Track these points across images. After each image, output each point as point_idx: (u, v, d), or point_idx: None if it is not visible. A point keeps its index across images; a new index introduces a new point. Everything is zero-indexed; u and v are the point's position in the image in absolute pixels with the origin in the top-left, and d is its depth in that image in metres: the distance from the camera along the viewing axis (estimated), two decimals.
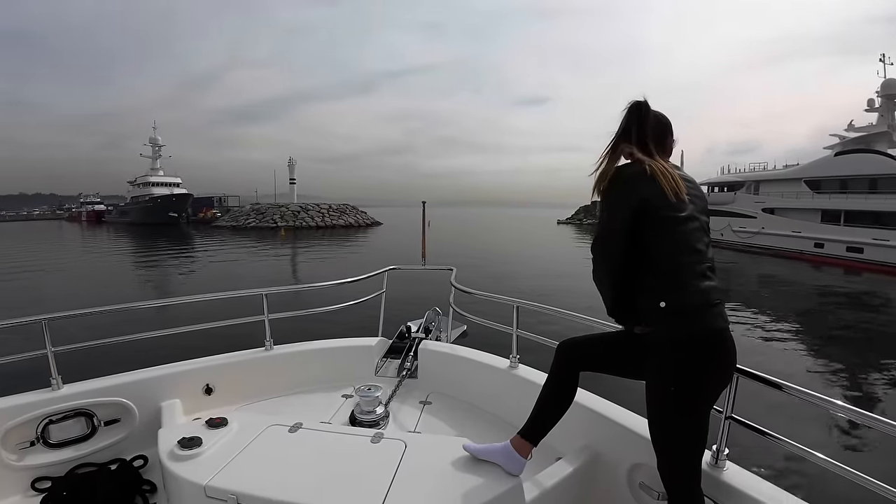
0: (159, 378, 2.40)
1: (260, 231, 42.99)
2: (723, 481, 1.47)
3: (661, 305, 1.32)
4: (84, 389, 2.20)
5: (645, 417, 1.63)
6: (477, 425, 2.40)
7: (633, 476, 1.78)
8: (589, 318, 2.05)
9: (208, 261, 22.94)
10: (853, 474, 1.24)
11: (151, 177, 66.31)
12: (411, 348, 3.01)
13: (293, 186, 57.92)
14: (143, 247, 31.16)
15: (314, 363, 2.89)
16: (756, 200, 28.40)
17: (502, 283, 15.32)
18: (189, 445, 1.67)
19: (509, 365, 2.50)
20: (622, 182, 1.41)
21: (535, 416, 1.58)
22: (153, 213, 58.45)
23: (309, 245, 31.19)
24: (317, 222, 50.63)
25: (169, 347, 2.96)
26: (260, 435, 1.77)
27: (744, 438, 1.53)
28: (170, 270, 20.46)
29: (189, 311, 3.06)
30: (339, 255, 26.05)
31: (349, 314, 3.30)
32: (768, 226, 26.60)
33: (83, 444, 2.15)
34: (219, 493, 1.48)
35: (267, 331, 2.76)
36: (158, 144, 68.73)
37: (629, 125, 1.47)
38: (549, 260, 23.57)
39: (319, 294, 3.22)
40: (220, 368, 2.62)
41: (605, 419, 1.90)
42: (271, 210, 52.01)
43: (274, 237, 36.86)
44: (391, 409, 2.52)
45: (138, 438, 2.20)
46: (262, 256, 24.70)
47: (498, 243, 33.82)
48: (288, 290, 3.45)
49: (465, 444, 1.59)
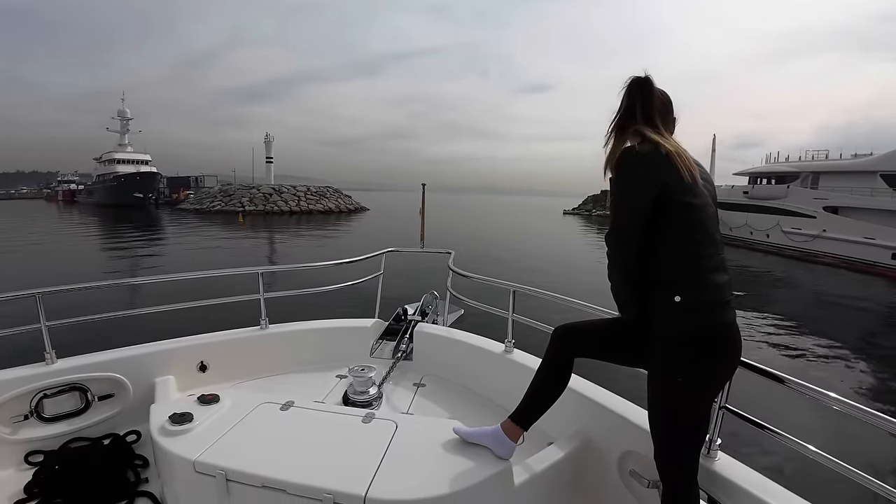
0: (154, 354, 2.50)
1: (225, 215, 41.24)
2: (714, 471, 1.53)
3: (676, 300, 1.30)
4: (78, 364, 2.30)
5: (638, 405, 1.90)
6: (470, 408, 2.54)
7: (624, 463, 1.86)
8: (586, 303, 2.15)
9: (145, 252, 20.66)
10: (844, 468, 1.31)
11: (117, 153, 62.90)
12: (407, 330, 3.14)
13: (269, 166, 55.90)
14: (104, 232, 29.71)
15: (309, 343, 3.03)
16: (816, 196, 24.51)
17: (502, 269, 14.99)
18: (180, 421, 1.73)
19: (504, 349, 2.62)
20: (638, 164, 1.34)
21: (527, 400, 1.63)
22: (117, 193, 55.48)
23: (271, 233, 29.69)
24: (290, 207, 47.66)
25: (164, 324, 3.15)
26: (251, 412, 1.85)
27: (736, 428, 1.59)
28: (112, 262, 18.44)
29: (184, 287, 3.17)
30: (300, 246, 24.07)
31: (346, 295, 3.45)
32: (831, 228, 22.75)
33: (77, 418, 2.25)
34: (208, 468, 1.54)
35: (262, 309, 2.90)
36: (127, 118, 65.12)
37: (632, 101, 1.43)
38: (573, 266, 19.75)
39: (316, 274, 3.48)
40: (215, 346, 2.74)
41: (597, 406, 1.97)
42: (240, 192, 48.91)
43: (246, 222, 35.92)
44: (385, 390, 2.65)
45: (132, 414, 2.31)
46: (202, 247, 22.09)
47: (502, 234, 32.87)
48: (284, 269, 3.41)
49: (456, 427, 1.64)
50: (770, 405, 2.13)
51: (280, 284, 3.11)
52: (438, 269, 3.65)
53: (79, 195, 71.57)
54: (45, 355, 2.26)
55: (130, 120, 64.52)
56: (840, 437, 4.70)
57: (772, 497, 1.42)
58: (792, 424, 1.69)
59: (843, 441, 4.54)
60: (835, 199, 23.12)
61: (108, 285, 2.57)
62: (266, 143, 56.30)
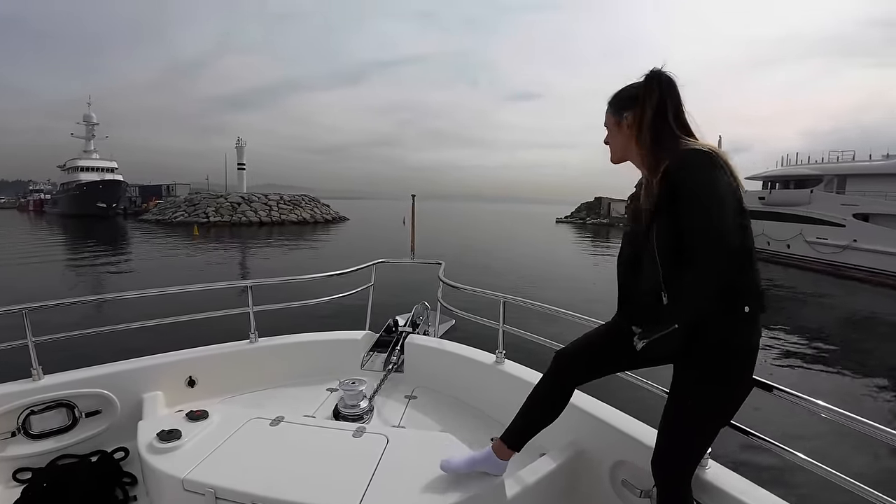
0: (141, 370, 2.55)
1: (188, 227, 39.17)
2: (705, 480, 1.59)
3: (746, 310, 1.31)
4: (65, 380, 2.34)
5: (628, 415, 2.02)
6: (461, 420, 2.62)
7: (616, 473, 1.92)
8: (576, 314, 2.21)
9: (93, 271, 18.90)
10: (835, 475, 1.37)
11: (80, 160, 60.16)
12: (398, 342, 3.23)
13: (242, 173, 52.64)
14: (65, 245, 28.07)
15: (299, 356, 3.09)
16: (844, 202, 22.52)
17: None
18: (168, 438, 1.75)
19: (495, 360, 2.72)
20: (721, 167, 1.30)
21: (520, 423, 1.66)
22: (80, 202, 52.89)
23: (228, 247, 27.92)
24: (260, 217, 45.85)
25: (151, 339, 3.14)
26: (241, 428, 1.88)
27: (724, 436, 1.57)
28: (66, 280, 17.02)
29: (172, 301, 3.02)
30: (259, 258, 23.06)
31: (336, 307, 3.54)
32: (863, 238, 20.86)
33: (64, 435, 2.28)
34: (196, 486, 1.55)
35: (251, 323, 2.98)
36: (92, 122, 62.47)
37: (663, 100, 1.40)
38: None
39: (306, 287, 3.66)
40: (204, 360, 2.78)
41: (589, 416, 2.04)
42: (205, 202, 46.91)
43: (203, 235, 34.16)
44: (376, 403, 2.72)
45: (119, 430, 2.34)
46: (147, 267, 19.93)
47: (493, 243, 32.01)
48: (273, 282, 3.38)
49: (443, 464, 1.61)
50: (758, 413, 2.10)
51: (269, 297, 3.01)
52: (430, 279, 3.77)
53: (46, 205, 69.29)
54: (32, 371, 2.30)
55: (96, 125, 62.63)
56: (829, 443, 4.67)
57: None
58: (780, 432, 1.79)
59: (832, 448, 4.53)
60: (866, 206, 21.50)
61: (95, 300, 2.93)
62: (238, 149, 53.56)
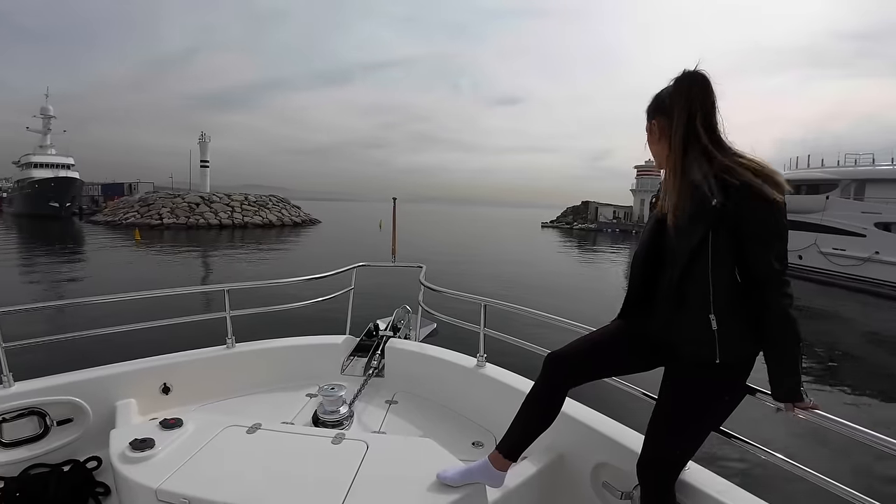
0: (114, 377, 2.55)
1: (139, 230, 35.74)
2: (686, 481, 1.65)
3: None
4: (36, 388, 2.34)
5: (608, 416, 2.09)
6: (443, 425, 2.67)
7: (597, 475, 1.99)
8: (557, 317, 2.28)
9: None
10: (815, 476, 1.42)
11: (34, 156, 56.35)
12: (378, 346, 3.26)
13: (205, 171, 50.93)
14: (15, 250, 25.11)
15: (278, 361, 3.11)
16: (864, 210, 20.83)
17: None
18: (141, 447, 1.72)
19: (476, 363, 2.79)
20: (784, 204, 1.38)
21: (517, 431, 1.67)
22: (33, 201, 49.84)
23: (173, 254, 24.66)
24: (220, 219, 42.73)
25: (125, 345, 3.21)
26: (216, 436, 1.86)
27: (709, 439, 1.64)
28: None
29: (147, 306, 3.11)
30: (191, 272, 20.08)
31: (315, 311, 3.53)
32: (887, 250, 19.17)
33: (36, 443, 2.28)
34: (170, 496, 1.54)
35: (228, 328, 3.00)
36: (49, 115, 58.56)
37: (693, 111, 1.36)
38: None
39: (285, 290, 3.46)
40: (179, 367, 2.78)
41: (570, 419, 2.07)
42: (160, 202, 43.89)
43: (155, 238, 31.99)
44: (356, 408, 2.75)
45: (92, 439, 2.35)
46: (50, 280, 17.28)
47: (478, 247, 31.00)
48: (251, 286, 3.39)
49: (440, 475, 1.61)
50: (745, 418, 2.07)
51: (247, 301, 3.06)
52: (411, 283, 3.76)
53: (3, 203, 66.01)
54: (2, 378, 2.29)
55: (53, 118, 59.89)
56: (807, 444, 4.76)
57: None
58: (762, 436, 1.80)
59: (811, 450, 4.64)
60: (890, 214, 20.02)
61: (68, 305, 2.64)
62: (201, 145, 50.89)
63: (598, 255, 31.69)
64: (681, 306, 1.44)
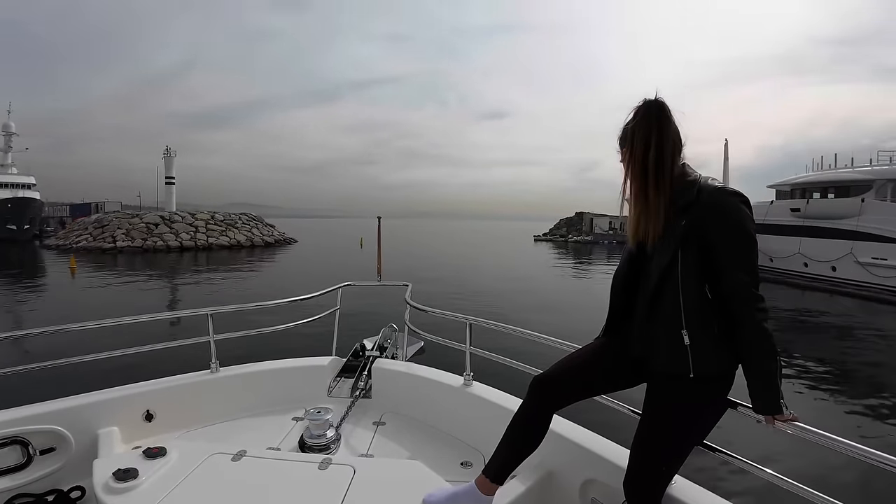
0: (96, 404, 2.56)
1: (91, 254, 34.24)
2: (673, 496, 1.68)
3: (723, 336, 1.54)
4: (18, 416, 2.36)
5: (596, 433, 2.13)
6: (431, 446, 2.72)
7: (586, 492, 2.03)
8: (542, 335, 2.33)
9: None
10: (800, 488, 1.43)
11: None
12: (365, 367, 3.29)
13: (171, 188, 49.34)
14: None
15: (263, 385, 3.13)
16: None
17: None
18: (124, 478, 1.74)
19: (463, 382, 2.85)
20: (749, 207, 1.50)
21: (504, 454, 1.74)
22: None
23: (120, 282, 21.13)
24: (181, 241, 39.37)
25: (107, 371, 3.21)
26: (201, 464, 1.87)
27: (694, 453, 1.69)
28: None
29: (129, 332, 3.14)
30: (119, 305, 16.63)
31: (301, 333, 3.59)
32: None
33: (19, 473, 2.29)
34: None
35: (212, 352, 3.00)
36: (10, 132, 56.13)
37: (649, 136, 1.49)
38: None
39: (269, 313, 3.49)
40: (162, 393, 2.79)
41: (558, 436, 2.09)
42: (116, 222, 41.07)
43: (106, 264, 28.97)
44: (343, 431, 2.77)
45: (75, 468, 2.36)
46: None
47: (472, 263, 29.45)
48: (235, 308, 3.42)
49: (426, 499, 1.68)
50: (727, 432, 2.12)
51: (231, 325, 3.05)
52: (397, 302, 3.83)
53: None
54: None
55: (14, 135, 59.26)
56: (794, 457, 4.56)
57: None
58: (746, 448, 1.81)
59: (799, 463, 4.36)
60: None
61: (51, 332, 2.62)
62: (165, 160, 47.77)
63: (597, 268, 30.37)
64: (655, 323, 1.57)
